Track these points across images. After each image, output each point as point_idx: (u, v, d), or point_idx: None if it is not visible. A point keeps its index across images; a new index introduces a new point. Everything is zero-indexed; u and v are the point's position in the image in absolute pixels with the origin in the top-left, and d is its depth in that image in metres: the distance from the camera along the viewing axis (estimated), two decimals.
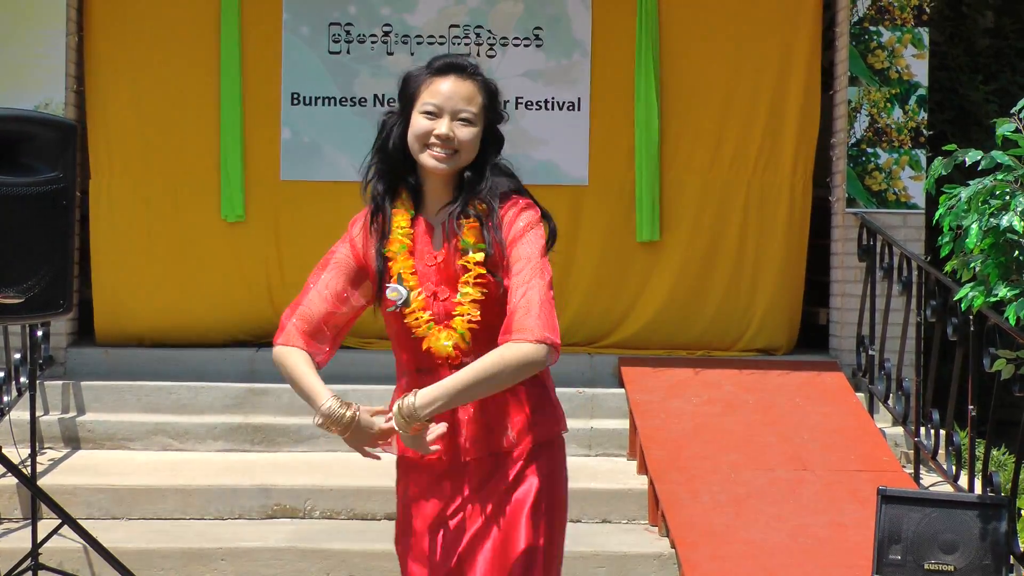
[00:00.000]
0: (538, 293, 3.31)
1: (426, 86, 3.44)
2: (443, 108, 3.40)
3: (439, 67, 3.45)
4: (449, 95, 3.41)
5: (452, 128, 3.39)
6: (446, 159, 3.40)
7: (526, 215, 3.42)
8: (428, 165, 3.42)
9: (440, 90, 3.42)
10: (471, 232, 3.42)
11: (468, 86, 3.43)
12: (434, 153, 3.40)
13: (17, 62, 8.15)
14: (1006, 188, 5.03)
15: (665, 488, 6.68)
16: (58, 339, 8.20)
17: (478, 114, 3.43)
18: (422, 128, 3.41)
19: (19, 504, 6.67)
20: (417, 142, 3.42)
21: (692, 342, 8.67)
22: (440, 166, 3.41)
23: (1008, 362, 5.62)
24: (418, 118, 3.42)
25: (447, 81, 3.43)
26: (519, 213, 3.42)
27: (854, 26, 8.44)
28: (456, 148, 3.40)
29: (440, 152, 3.40)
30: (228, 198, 8.46)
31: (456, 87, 3.42)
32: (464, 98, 3.41)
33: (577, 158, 8.65)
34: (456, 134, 3.40)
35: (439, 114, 3.40)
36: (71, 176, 5.05)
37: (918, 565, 5.68)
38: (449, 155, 3.40)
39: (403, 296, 3.43)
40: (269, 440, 7.61)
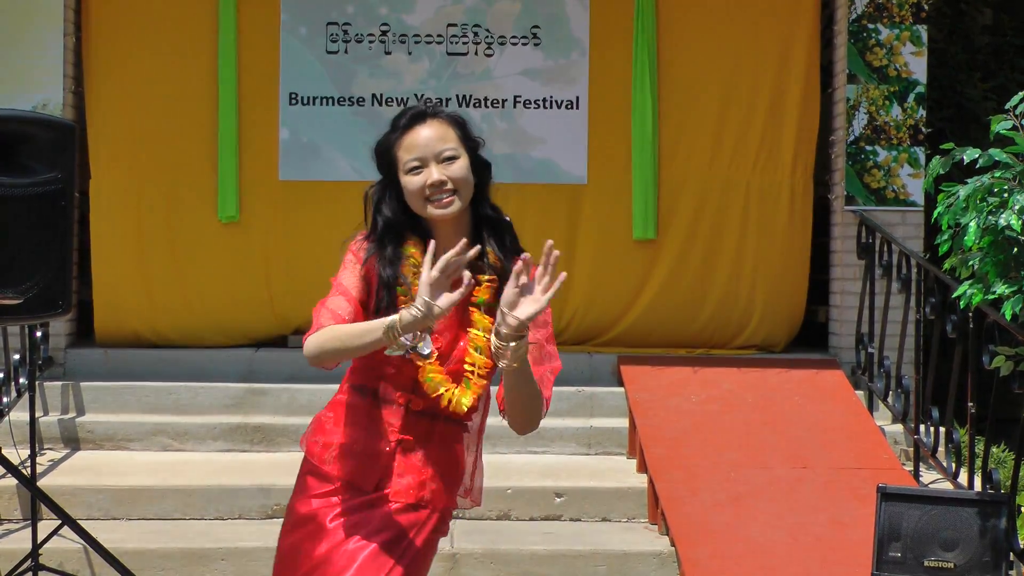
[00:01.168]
0: (550, 363, 3.47)
1: (400, 146, 3.45)
2: (425, 157, 3.40)
3: (404, 124, 3.46)
4: (425, 142, 3.41)
5: (441, 171, 3.39)
6: (448, 203, 3.40)
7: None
8: (437, 215, 3.41)
9: (415, 142, 3.42)
10: (487, 290, 3.45)
11: (436, 126, 3.44)
12: (435, 203, 3.40)
13: (15, 63, 8.14)
14: (1004, 186, 5.03)
15: (665, 486, 6.68)
16: (57, 340, 8.20)
17: (459, 147, 3.43)
18: (415, 185, 3.41)
19: (19, 505, 6.67)
20: (416, 199, 3.42)
21: (691, 339, 8.66)
22: (446, 212, 3.40)
23: (1007, 359, 5.63)
24: (407, 178, 3.42)
25: (417, 132, 3.43)
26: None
27: (852, 24, 8.44)
28: (453, 188, 3.40)
29: (441, 199, 3.40)
30: (224, 199, 8.46)
31: (427, 132, 3.42)
32: (439, 138, 3.42)
33: (575, 157, 8.65)
34: (447, 174, 3.39)
35: (424, 164, 3.40)
36: (70, 177, 5.04)
37: (918, 562, 5.68)
38: (450, 197, 3.40)
39: (429, 347, 3.40)
40: (269, 440, 7.61)
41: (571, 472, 7.19)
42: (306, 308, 9.24)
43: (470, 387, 3.42)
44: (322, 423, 3.60)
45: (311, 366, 3.43)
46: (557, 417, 7.68)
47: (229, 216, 8.48)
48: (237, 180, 8.48)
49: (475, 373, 3.42)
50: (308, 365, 3.54)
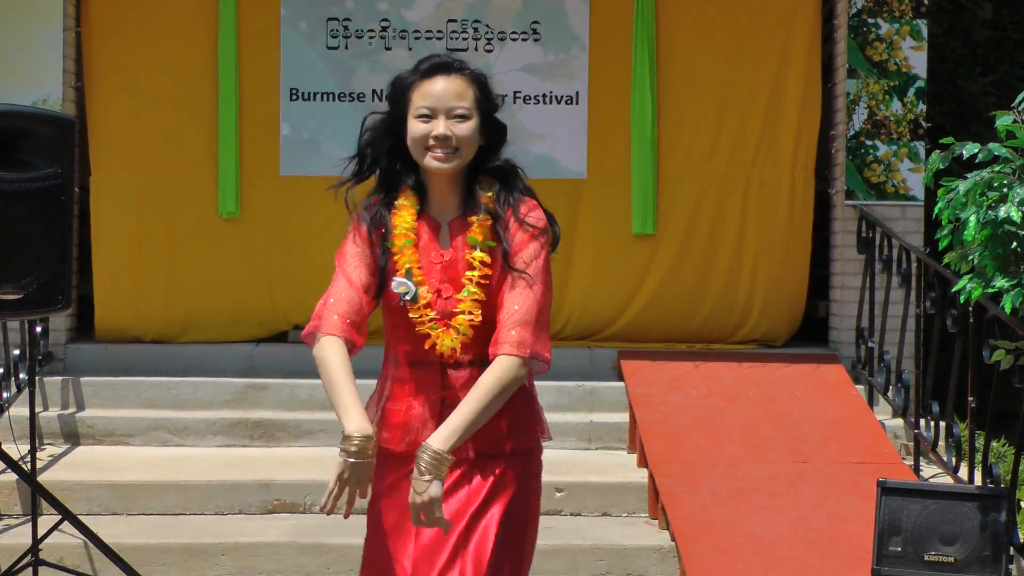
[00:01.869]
0: (537, 304, 3.37)
1: (416, 90, 3.44)
2: (436, 109, 3.40)
3: (425, 69, 3.44)
4: (440, 95, 3.41)
5: (449, 127, 3.39)
6: (447, 159, 3.41)
7: (532, 218, 3.44)
8: (431, 167, 3.42)
9: (430, 92, 3.41)
10: (481, 230, 3.44)
11: (457, 82, 3.43)
12: (435, 155, 3.40)
13: (15, 58, 8.14)
14: (1004, 180, 5.03)
15: (665, 481, 6.68)
16: (57, 335, 8.20)
17: (472, 108, 3.42)
18: (420, 132, 3.41)
19: (19, 500, 6.67)
20: (417, 146, 3.42)
21: (692, 334, 8.66)
22: (443, 166, 3.41)
23: (1007, 353, 5.62)
24: (414, 123, 3.42)
25: (436, 82, 3.42)
26: (525, 216, 3.44)
27: (852, 18, 8.44)
28: (456, 146, 3.40)
29: (440, 152, 3.40)
30: (224, 194, 8.46)
31: (446, 85, 3.42)
32: (455, 95, 3.41)
33: (575, 152, 8.65)
34: (453, 132, 3.39)
35: (433, 115, 3.40)
36: (69, 172, 5.05)
37: (918, 556, 5.68)
38: (450, 154, 3.40)
39: (411, 291, 3.42)
40: (269, 435, 7.62)
41: (571, 467, 7.18)
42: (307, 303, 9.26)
43: (461, 327, 3.42)
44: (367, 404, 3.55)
45: None
46: (557, 412, 7.68)
47: (229, 211, 8.48)
48: (238, 175, 8.48)
49: (466, 312, 3.41)
50: (309, 360, 3.55)
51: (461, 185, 3.49)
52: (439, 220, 3.50)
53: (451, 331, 3.42)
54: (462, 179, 3.49)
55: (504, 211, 3.45)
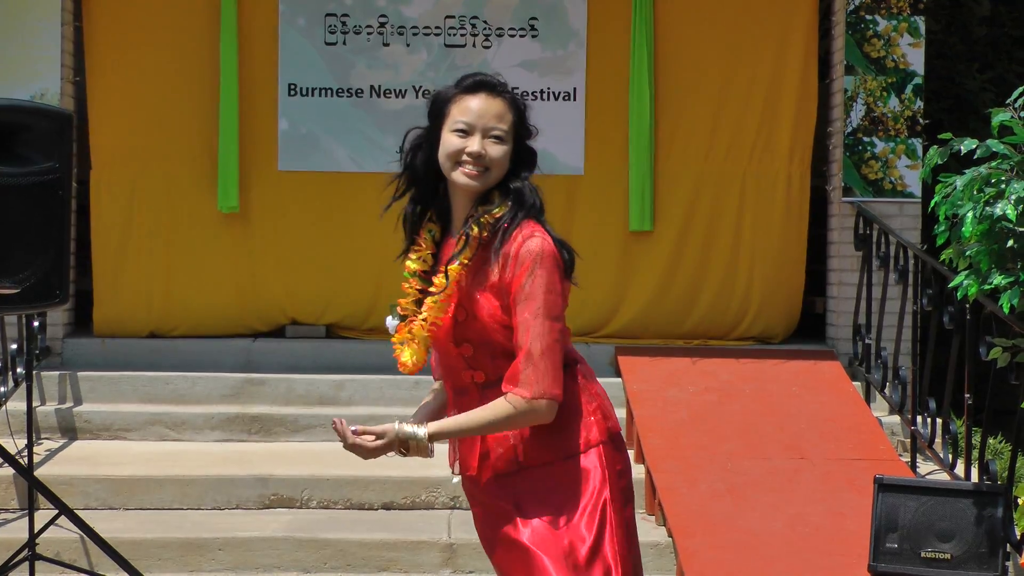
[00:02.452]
0: (541, 340, 3.34)
1: (456, 104, 3.43)
2: (474, 126, 3.40)
3: (468, 85, 3.44)
4: (480, 113, 3.40)
5: (484, 145, 3.39)
6: (477, 176, 3.40)
7: (532, 245, 3.37)
8: (460, 182, 3.42)
9: (471, 108, 3.41)
10: (462, 242, 3.42)
11: (498, 103, 3.43)
12: (466, 170, 3.40)
13: (13, 53, 8.13)
14: (1001, 176, 5.04)
15: (662, 477, 6.68)
16: (55, 329, 8.20)
17: (509, 131, 3.43)
18: (454, 146, 3.40)
19: (16, 495, 6.67)
20: (449, 160, 3.42)
21: (689, 330, 8.67)
22: (471, 183, 3.41)
23: (1004, 350, 5.62)
24: (449, 136, 3.42)
25: (477, 99, 3.42)
26: (524, 242, 3.37)
27: (850, 15, 8.43)
28: (487, 166, 3.40)
29: (472, 169, 3.40)
30: (224, 189, 8.45)
31: (487, 104, 3.42)
32: (495, 115, 3.42)
33: (573, 148, 8.64)
34: (488, 152, 3.39)
35: (471, 132, 3.40)
36: (67, 166, 5.04)
37: (915, 553, 5.69)
38: (480, 172, 3.40)
39: (392, 326, 3.50)
40: (266, 430, 7.62)
41: None
42: (304, 298, 9.27)
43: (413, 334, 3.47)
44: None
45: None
46: None
47: (230, 206, 8.47)
48: (237, 170, 8.47)
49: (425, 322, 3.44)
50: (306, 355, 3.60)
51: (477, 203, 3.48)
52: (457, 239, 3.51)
53: (412, 343, 3.46)
54: (481, 198, 3.48)
55: (505, 238, 3.40)
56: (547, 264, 3.38)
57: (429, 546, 6.24)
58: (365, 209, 8.39)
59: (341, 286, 8.53)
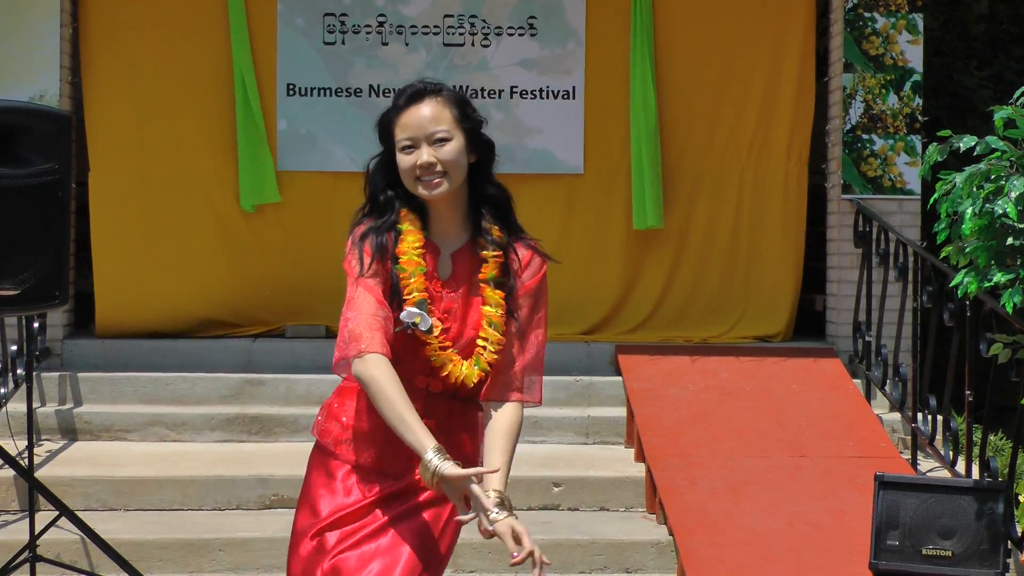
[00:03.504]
0: (542, 350, 3.55)
1: (396, 124, 3.45)
2: (417, 137, 3.41)
3: (402, 102, 3.46)
4: (417, 123, 3.42)
5: (432, 152, 3.40)
6: (437, 185, 3.41)
7: (539, 257, 3.54)
8: (425, 196, 3.43)
9: (408, 122, 3.43)
10: (495, 266, 3.47)
11: (432, 105, 3.43)
12: (424, 183, 3.42)
13: (12, 54, 8.12)
14: (1001, 171, 5.03)
15: (662, 475, 6.68)
16: (55, 331, 8.19)
17: (452, 128, 3.43)
18: (406, 164, 3.42)
19: (17, 496, 6.67)
20: (408, 179, 3.44)
21: (688, 328, 8.66)
22: (435, 192, 3.42)
23: (1004, 346, 5.62)
24: (400, 157, 3.44)
25: (411, 111, 3.44)
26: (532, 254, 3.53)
27: (848, 12, 8.43)
28: (443, 170, 3.41)
29: (429, 180, 3.41)
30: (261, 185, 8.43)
31: (421, 112, 3.43)
32: (431, 119, 3.42)
33: (572, 146, 8.64)
34: (437, 156, 3.40)
35: (416, 145, 3.42)
36: (66, 167, 5.04)
37: (916, 550, 5.69)
38: (439, 180, 3.41)
39: (428, 323, 3.42)
40: (266, 430, 7.61)
41: (569, 461, 7.19)
42: (304, 299, 9.25)
43: (479, 362, 3.45)
44: (334, 412, 3.57)
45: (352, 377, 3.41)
46: (555, 407, 7.69)
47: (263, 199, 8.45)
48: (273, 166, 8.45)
49: (487, 348, 3.45)
50: (306, 355, 3.59)
51: (462, 210, 3.50)
52: (439, 246, 3.51)
53: (470, 362, 3.46)
54: (462, 203, 3.50)
55: (513, 249, 3.49)
56: (544, 277, 3.56)
57: None
58: None
59: (340, 286, 8.50)
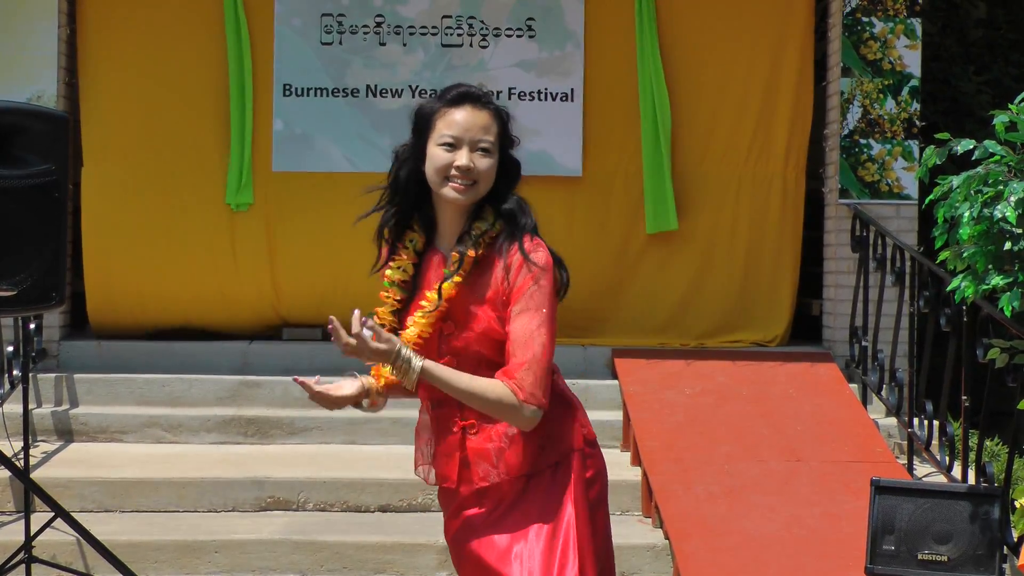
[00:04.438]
0: (542, 349, 3.38)
1: (441, 117, 3.42)
2: (461, 139, 3.39)
3: (453, 97, 3.43)
4: (467, 126, 3.39)
5: (472, 159, 3.38)
6: (466, 190, 3.40)
7: (537, 258, 3.41)
8: (449, 197, 3.41)
9: (457, 121, 3.40)
10: (454, 260, 3.44)
11: (484, 115, 3.42)
12: (455, 185, 3.39)
13: (9, 55, 8.12)
14: (999, 176, 5.03)
15: (658, 479, 6.68)
16: (51, 332, 8.18)
17: (495, 143, 3.43)
18: (442, 160, 3.39)
19: (12, 497, 6.66)
20: (437, 175, 3.41)
21: (685, 332, 8.65)
22: (460, 197, 3.41)
23: (1002, 351, 5.61)
24: (436, 150, 3.40)
25: (463, 111, 3.41)
26: (530, 253, 3.41)
27: (847, 17, 8.44)
28: (476, 179, 3.40)
29: (460, 184, 3.39)
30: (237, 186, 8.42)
31: (473, 117, 3.41)
32: (481, 128, 3.41)
33: (571, 149, 8.63)
34: (476, 165, 3.39)
35: (458, 145, 3.39)
36: (63, 168, 5.04)
37: (911, 555, 5.68)
38: (469, 186, 3.40)
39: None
40: (262, 432, 7.61)
41: None
42: (300, 300, 9.25)
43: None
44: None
45: None
46: None
47: (242, 203, 8.44)
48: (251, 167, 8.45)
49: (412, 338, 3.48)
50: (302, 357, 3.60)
51: (468, 218, 3.48)
52: (447, 254, 3.50)
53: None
54: (470, 211, 3.48)
55: (508, 249, 3.42)
56: (549, 277, 3.42)
57: (425, 548, 6.23)
58: (360, 210, 8.34)
59: (336, 287, 8.51)
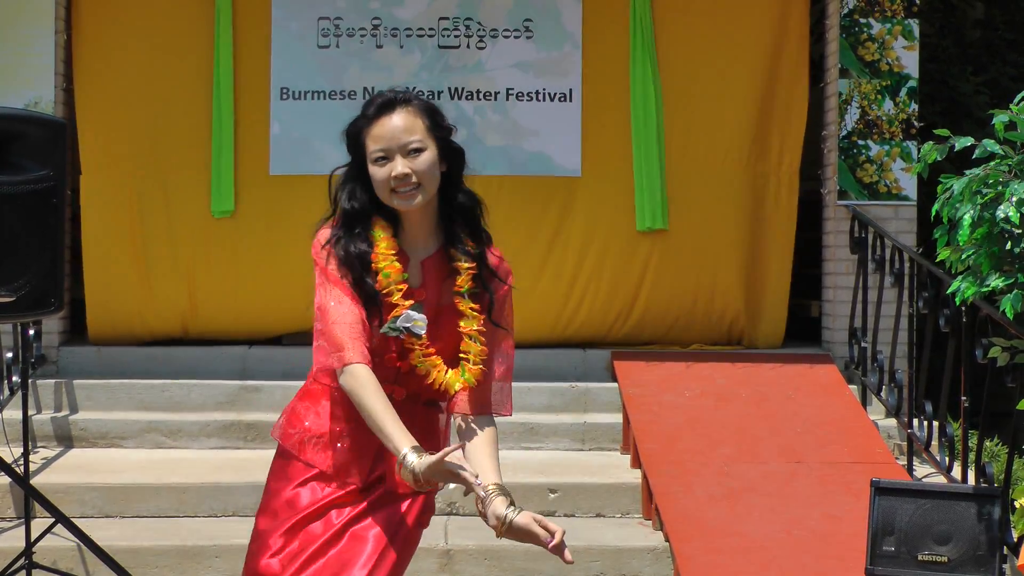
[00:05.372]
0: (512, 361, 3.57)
1: (368, 135, 3.45)
2: (391, 149, 3.41)
3: (371, 112, 3.46)
4: (390, 134, 3.41)
5: (406, 164, 3.40)
6: (412, 196, 3.42)
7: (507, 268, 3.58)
8: (401, 208, 3.44)
9: (381, 133, 3.42)
10: (469, 278, 3.48)
11: (404, 115, 3.43)
12: (400, 195, 3.42)
13: (6, 61, 8.12)
14: (1000, 176, 5.02)
15: (658, 482, 6.68)
16: (50, 338, 8.18)
17: (425, 138, 3.43)
18: (381, 176, 3.42)
19: (12, 503, 6.66)
20: (382, 191, 3.43)
21: (684, 333, 8.64)
22: (411, 203, 3.42)
23: (1003, 350, 5.61)
24: (373, 169, 3.43)
25: (383, 121, 3.43)
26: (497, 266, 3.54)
27: (844, 18, 8.44)
28: (417, 181, 3.41)
29: (405, 192, 3.41)
30: (218, 193, 8.43)
31: (393, 123, 3.42)
32: (404, 129, 3.42)
33: (569, 149, 8.61)
34: (412, 168, 3.40)
35: (390, 156, 3.41)
36: (61, 174, 5.04)
37: (912, 556, 5.68)
38: (414, 191, 3.41)
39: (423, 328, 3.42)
40: (262, 437, 7.59)
41: (565, 468, 7.18)
42: (298, 305, 9.24)
43: (465, 373, 3.47)
44: (298, 414, 3.67)
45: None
46: (551, 413, 7.68)
47: (223, 211, 8.44)
48: (233, 175, 8.44)
49: (470, 360, 3.47)
50: (301, 361, 3.60)
51: (433, 218, 3.51)
52: (409, 254, 3.51)
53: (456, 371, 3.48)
54: (432, 211, 3.50)
55: (486, 260, 3.51)
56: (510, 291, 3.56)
57: (426, 552, 6.22)
58: None
59: None
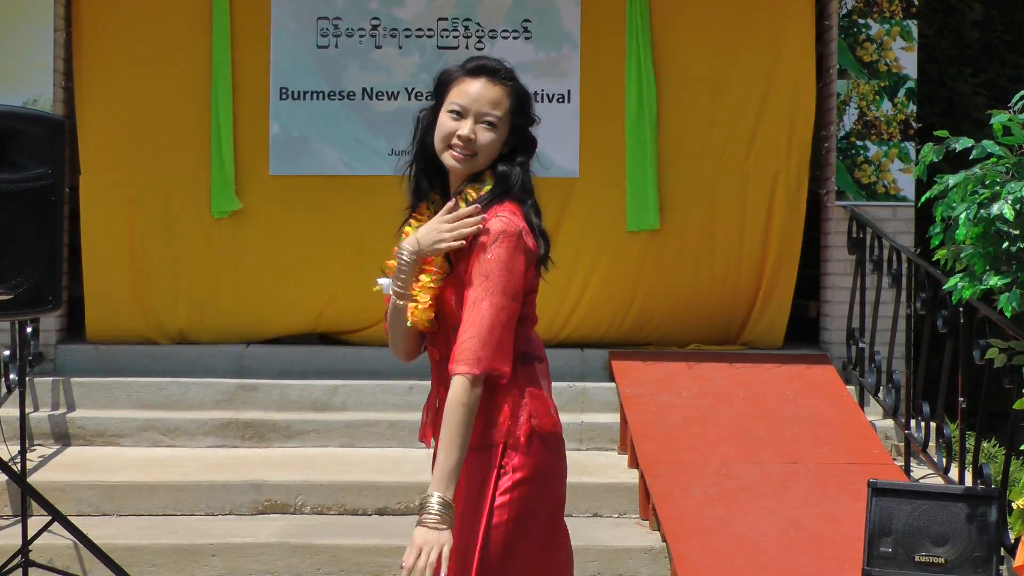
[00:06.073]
0: (492, 317, 3.31)
1: (455, 86, 3.47)
2: (468, 109, 3.43)
3: (471, 68, 3.47)
4: (476, 97, 3.44)
5: (474, 130, 3.42)
6: (464, 160, 3.44)
7: (494, 224, 3.37)
8: (447, 164, 3.47)
9: (468, 91, 3.44)
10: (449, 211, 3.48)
11: (496, 90, 3.45)
12: (454, 153, 3.44)
13: (5, 59, 8.12)
14: (996, 177, 5.03)
15: (656, 482, 6.68)
16: (48, 336, 8.18)
17: (503, 119, 3.45)
18: (446, 128, 3.44)
19: (9, 501, 6.65)
20: (440, 140, 3.46)
21: (683, 333, 8.64)
22: (458, 166, 3.45)
23: (1000, 351, 5.61)
24: (444, 117, 3.46)
25: (476, 83, 3.45)
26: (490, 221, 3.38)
27: (843, 19, 8.44)
28: (475, 151, 3.43)
29: (459, 153, 3.43)
30: (218, 193, 8.43)
31: (484, 90, 3.44)
32: (490, 102, 3.43)
33: (568, 150, 8.62)
34: (477, 137, 3.43)
35: (464, 115, 3.43)
36: (60, 172, 5.04)
37: (909, 557, 5.68)
38: (467, 156, 3.44)
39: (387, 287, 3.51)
40: (259, 436, 7.60)
41: None
42: (297, 304, 9.22)
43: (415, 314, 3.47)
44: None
45: None
46: None
47: (223, 211, 8.44)
48: (234, 174, 8.44)
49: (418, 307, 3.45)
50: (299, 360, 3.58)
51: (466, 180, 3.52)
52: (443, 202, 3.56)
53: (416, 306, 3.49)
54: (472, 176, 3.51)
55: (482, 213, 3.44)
56: (507, 243, 3.35)
57: None
58: (357, 212, 8.38)
59: (334, 290, 8.50)
